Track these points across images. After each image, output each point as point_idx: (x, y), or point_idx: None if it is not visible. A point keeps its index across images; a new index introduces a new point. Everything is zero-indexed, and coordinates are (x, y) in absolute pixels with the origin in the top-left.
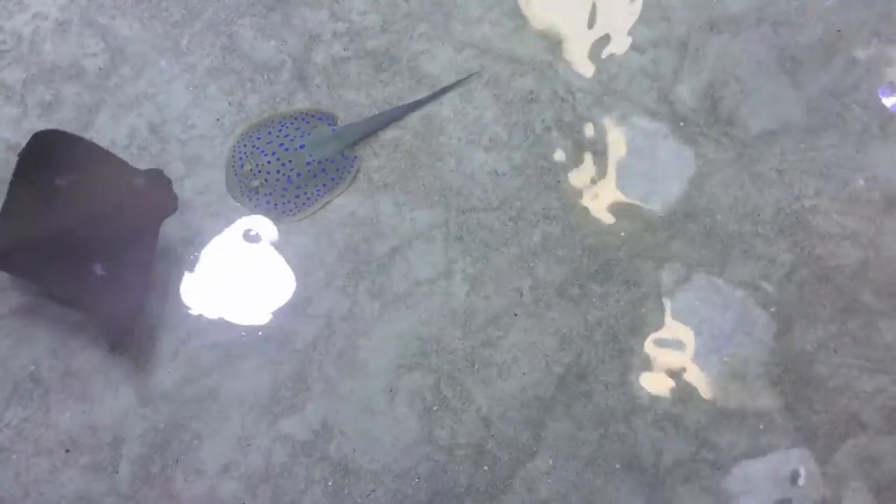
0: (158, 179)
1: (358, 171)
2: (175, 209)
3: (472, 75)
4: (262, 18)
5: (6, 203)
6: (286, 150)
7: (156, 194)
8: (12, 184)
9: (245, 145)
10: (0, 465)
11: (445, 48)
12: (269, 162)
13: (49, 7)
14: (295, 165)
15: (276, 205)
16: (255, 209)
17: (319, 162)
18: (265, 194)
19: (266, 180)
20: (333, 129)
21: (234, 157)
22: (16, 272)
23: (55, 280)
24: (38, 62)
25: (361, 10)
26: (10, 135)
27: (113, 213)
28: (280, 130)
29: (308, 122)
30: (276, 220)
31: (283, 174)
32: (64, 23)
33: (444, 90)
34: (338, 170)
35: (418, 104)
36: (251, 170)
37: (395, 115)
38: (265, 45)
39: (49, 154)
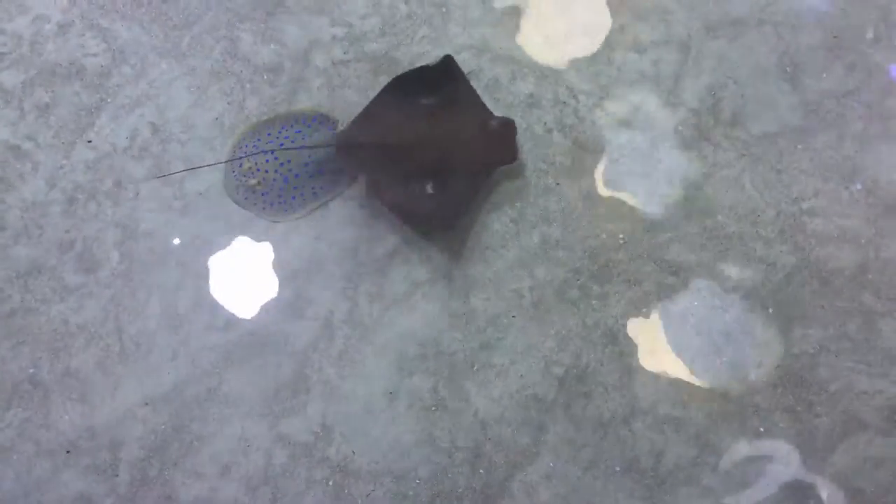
0: (508, 129)
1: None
2: (513, 160)
3: (468, 73)
4: (262, 23)
5: (367, 106)
6: (286, 150)
7: (502, 141)
8: (383, 91)
9: (245, 145)
10: (0, 466)
11: (445, 51)
12: (267, 161)
13: (51, 10)
14: (294, 166)
15: (272, 204)
16: (251, 207)
17: (318, 163)
18: (262, 193)
19: (264, 179)
20: (333, 132)
21: (233, 155)
22: (350, 165)
23: (387, 186)
24: (39, 63)
25: (361, 13)
26: (9, 136)
27: (459, 145)
28: (280, 132)
29: (308, 125)
30: (270, 219)
31: (282, 174)
32: (65, 25)
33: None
34: (337, 171)
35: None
36: (250, 168)
37: None
38: (265, 48)
39: (426, 74)
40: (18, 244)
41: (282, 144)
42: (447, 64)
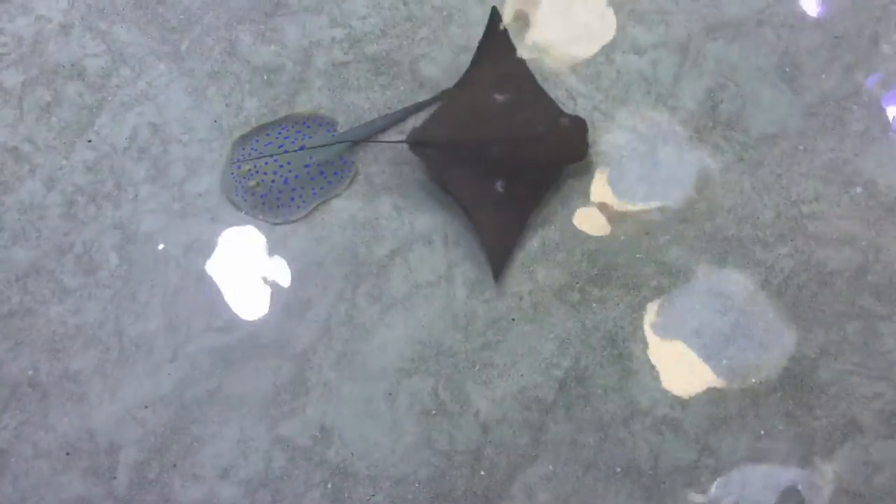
0: (579, 126)
1: (355, 174)
2: (583, 158)
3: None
4: (262, 24)
5: (441, 102)
6: (285, 151)
7: (572, 139)
8: (455, 86)
9: (244, 148)
10: None
11: (445, 52)
12: (266, 163)
13: (52, 11)
14: (293, 168)
15: (270, 206)
16: (249, 210)
17: (318, 164)
18: (261, 195)
19: (262, 181)
20: (333, 134)
21: (232, 157)
22: (428, 161)
23: (459, 182)
24: (40, 64)
25: (361, 14)
26: (7, 138)
27: (532, 141)
28: (280, 134)
29: (308, 127)
30: (269, 221)
31: (281, 176)
32: (66, 26)
33: (443, 94)
34: (335, 173)
35: (417, 108)
36: (249, 170)
37: (395, 119)
38: (265, 49)
39: (495, 67)
40: (17, 245)
41: (281, 146)
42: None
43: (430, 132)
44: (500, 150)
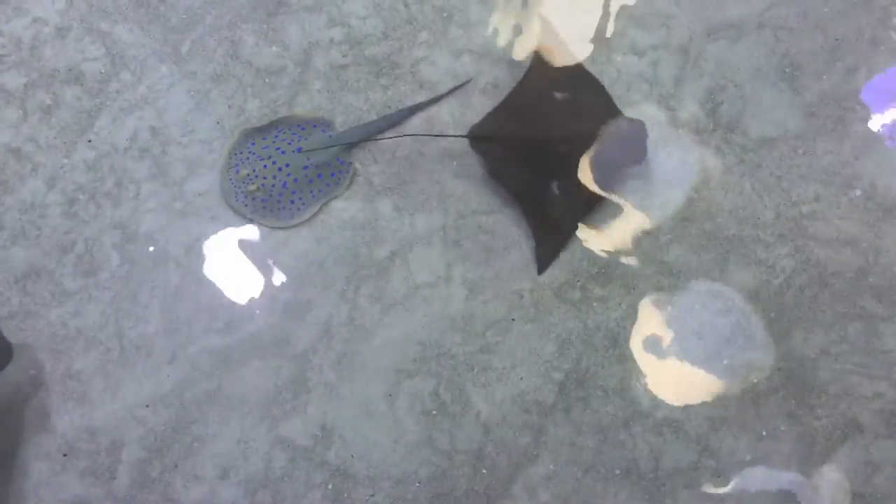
0: (638, 130)
1: (354, 175)
2: (642, 160)
3: (467, 81)
4: (263, 24)
5: (505, 98)
6: (283, 153)
7: (631, 142)
8: (519, 83)
9: (241, 151)
10: None
11: (445, 54)
12: (265, 167)
13: (49, 12)
14: (292, 170)
15: (272, 210)
16: (251, 214)
17: (316, 166)
18: (261, 199)
19: (262, 185)
20: (330, 136)
21: (230, 162)
22: (486, 157)
23: (515, 178)
24: (39, 67)
25: (362, 15)
26: (10, 139)
27: (590, 142)
28: (276, 136)
29: (304, 128)
30: (272, 225)
31: (280, 179)
32: (64, 28)
33: (439, 98)
34: (333, 174)
35: (413, 110)
36: (248, 174)
37: (391, 122)
38: (266, 50)
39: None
40: (17, 245)
41: (278, 148)
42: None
43: (491, 128)
44: (557, 151)
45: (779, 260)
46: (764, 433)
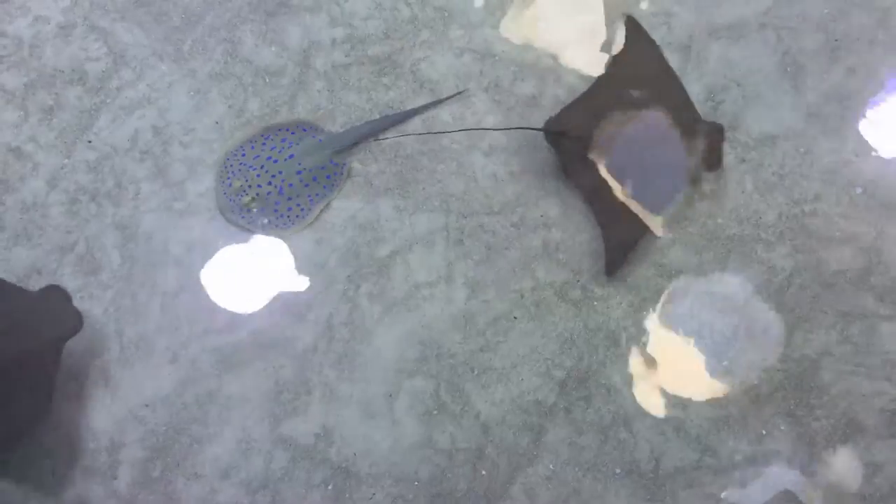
0: (716, 134)
1: (347, 177)
2: (717, 167)
3: (461, 91)
4: (263, 24)
5: (583, 94)
6: (275, 161)
7: (708, 147)
8: (598, 80)
9: (232, 164)
10: None
11: (446, 54)
12: (258, 175)
13: (51, 11)
14: (286, 176)
15: (269, 219)
16: (249, 226)
17: (310, 170)
18: (258, 210)
19: (258, 195)
20: (320, 140)
21: (222, 176)
22: (560, 151)
23: (588, 175)
24: (39, 66)
25: (363, 15)
26: (11, 138)
27: (670, 142)
28: (265, 144)
29: (294, 134)
30: (274, 235)
31: (275, 186)
32: (66, 27)
33: (431, 105)
34: (328, 177)
35: (406, 115)
36: (241, 186)
37: (384, 124)
38: (266, 49)
39: (637, 68)
40: (18, 245)
41: (269, 157)
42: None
43: (568, 123)
44: (631, 153)
45: (780, 259)
46: (764, 433)
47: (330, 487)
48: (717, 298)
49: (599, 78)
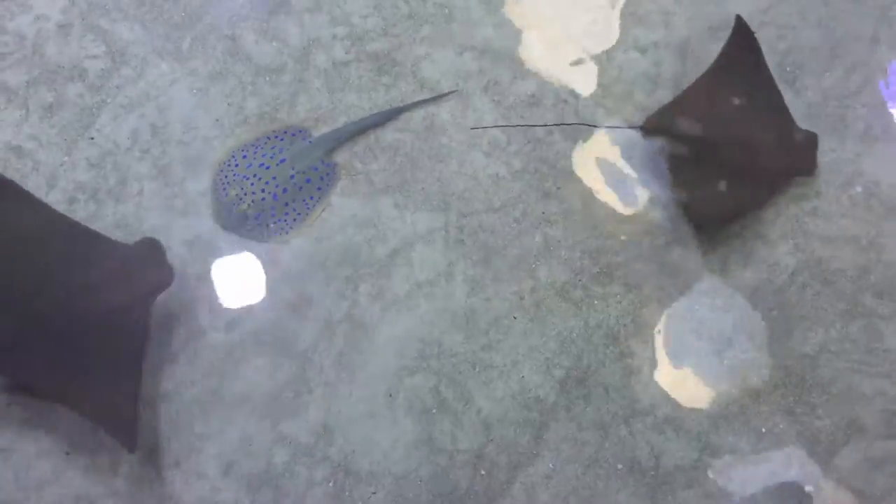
0: (810, 141)
1: (340, 176)
2: (810, 173)
3: (450, 93)
4: (264, 22)
5: (682, 92)
6: (267, 168)
7: (803, 153)
8: (698, 80)
9: (226, 175)
10: (1, 466)
11: (446, 51)
12: (252, 184)
13: (51, 9)
14: (280, 181)
15: (268, 225)
16: (249, 234)
17: (303, 172)
18: (255, 216)
19: (253, 202)
20: (310, 141)
21: (217, 187)
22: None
23: (682, 175)
24: (41, 64)
25: (363, 13)
26: (12, 137)
27: (761, 150)
28: (256, 152)
29: (282, 139)
30: (275, 242)
31: (270, 192)
32: (66, 25)
33: (421, 102)
34: (322, 178)
35: (396, 112)
36: (237, 195)
37: (373, 122)
38: (266, 47)
39: (738, 72)
40: None
41: (262, 164)
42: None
43: (667, 122)
44: (729, 153)
45: (780, 258)
46: (764, 431)
47: (331, 485)
48: (717, 297)
49: (700, 78)
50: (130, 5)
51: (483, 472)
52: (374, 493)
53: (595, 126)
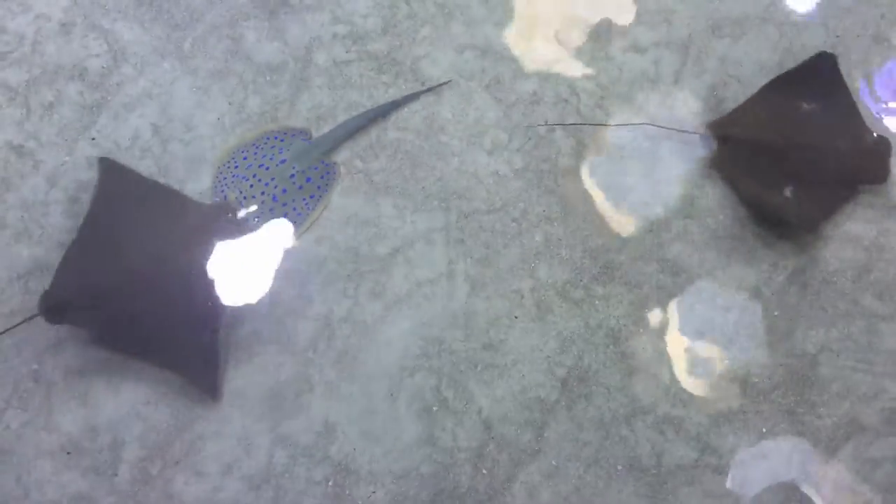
0: (884, 148)
1: (340, 175)
2: (883, 181)
3: (445, 82)
4: (265, 21)
5: (749, 98)
6: (266, 169)
7: (875, 160)
8: (765, 87)
9: (224, 176)
10: (1, 467)
11: (447, 50)
12: (252, 186)
13: (52, 8)
14: (279, 182)
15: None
16: (249, 235)
17: (303, 171)
18: (255, 218)
19: (253, 203)
20: (309, 142)
21: (216, 188)
22: (722, 153)
23: (748, 180)
24: (42, 63)
25: (363, 13)
26: (12, 136)
27: (832, 155)
28: (255, 153)
29: (282, 140)
30: (274, 241)
31: (269, 194)
32: (67, 24)
33: (418, 94)
34: (322, 177)
35: (393, 106)
36: (236, 198)
37: (370, 118)
38: (267, 46)
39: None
40: (19, 243)
41: (261, 165)
42: (826, 62)
43: (733, 126)
44: (798, 158)
45: (781, 257)
46: (765, 430)
47: (331, 484)
48: (718, 296)
49: (770, 82)
50: (131, 5)
51: (484, 471)
52: (375, 492)
53: (658, 126)
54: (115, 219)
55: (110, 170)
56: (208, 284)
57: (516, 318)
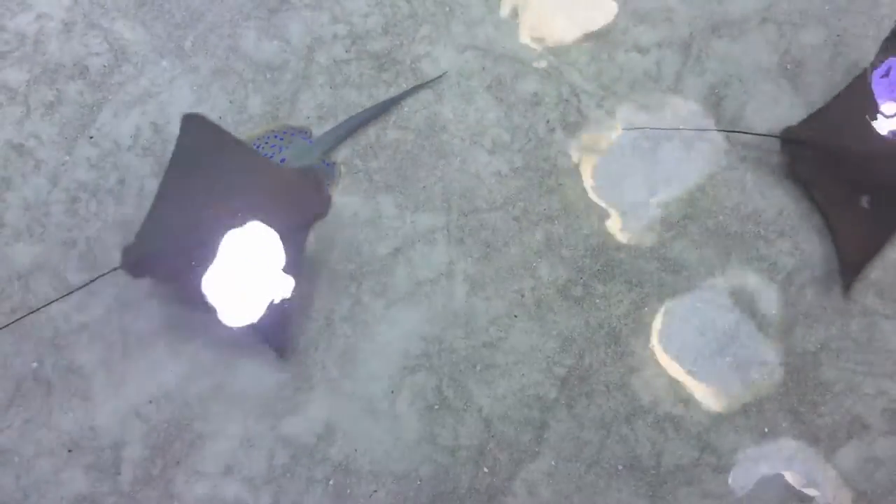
0: None
1: (341, 175)
2: None
3: (440, 76)
4: (265, 20)
5: (827, 103)
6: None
7: None
8: (845, 90)
9: None
10: (1, 466)
11: (447, 50)
12: None
13: (53, 7)
14: None
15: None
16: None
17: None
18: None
19: None
20: (310, 141)
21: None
22: (797, 160)
23: (825, 187)
24: (42, 62)
25: (363, 12)
26: (13, 135)
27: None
28: (257, 150)
29: (282, 139)
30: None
31: None
32: (68, 23)
33: (415, 89)
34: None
35: (393, 102)
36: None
37: (369, 116)
38: (268, 46)
39: None
40: (20, 242)
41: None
42: None
43: (809, 132)
44: (878, 167)
45: (781, 256)
46: (766, 430)
47: (331, 483)
48: (718, 295)
49: (846, 88)
50: (132, 4)
51: (485, 470)
52: (375, 491)
53: (728, 132)
54: (199, 174)
55: (195, 125)
56: (287, 244)
57: (517, 316)
